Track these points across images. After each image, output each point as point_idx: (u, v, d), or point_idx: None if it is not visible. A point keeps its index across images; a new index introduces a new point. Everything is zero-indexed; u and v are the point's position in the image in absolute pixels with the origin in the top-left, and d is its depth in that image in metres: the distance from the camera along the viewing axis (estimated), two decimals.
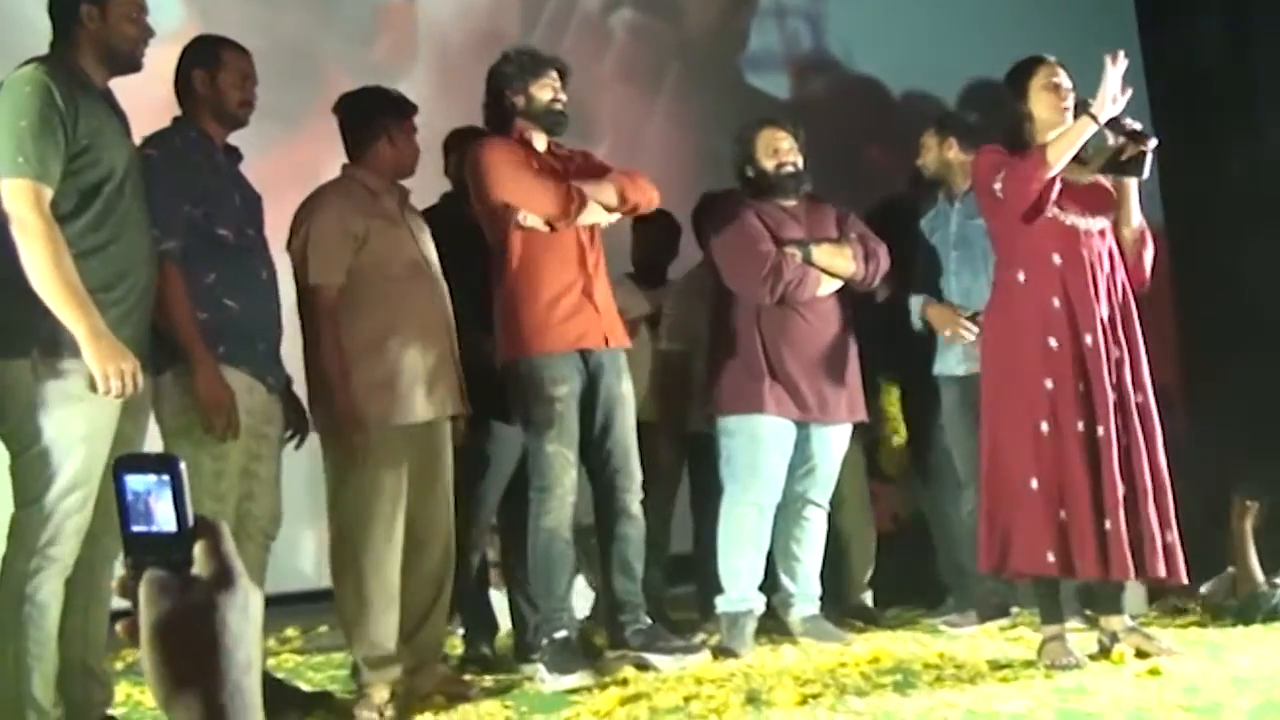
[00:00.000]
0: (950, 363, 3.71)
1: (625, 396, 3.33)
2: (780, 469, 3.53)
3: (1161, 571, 3.03)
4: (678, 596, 3.97)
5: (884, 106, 5.06)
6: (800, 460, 3.57)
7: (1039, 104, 3.17)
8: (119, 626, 0.85)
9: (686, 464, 3.88)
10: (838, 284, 3.58)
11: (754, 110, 4.74)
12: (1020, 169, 3.08)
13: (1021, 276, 3.15)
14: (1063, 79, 3.19)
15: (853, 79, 5.14)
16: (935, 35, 5.02)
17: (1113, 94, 3.02)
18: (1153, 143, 3.09)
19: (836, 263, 3.56)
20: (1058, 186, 3.09)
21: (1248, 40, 5.04)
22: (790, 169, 3.61)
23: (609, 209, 3.32)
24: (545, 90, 3.31)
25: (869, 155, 4.69)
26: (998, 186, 3.11)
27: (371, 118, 3.10)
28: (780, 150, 3.61)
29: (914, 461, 4.00)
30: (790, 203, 3.63)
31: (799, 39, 5.13)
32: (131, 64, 2.61)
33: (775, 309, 3.52)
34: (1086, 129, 3.06)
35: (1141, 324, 3.17)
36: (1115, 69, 3.02)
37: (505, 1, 4.65)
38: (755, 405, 3.50)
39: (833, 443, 3.61)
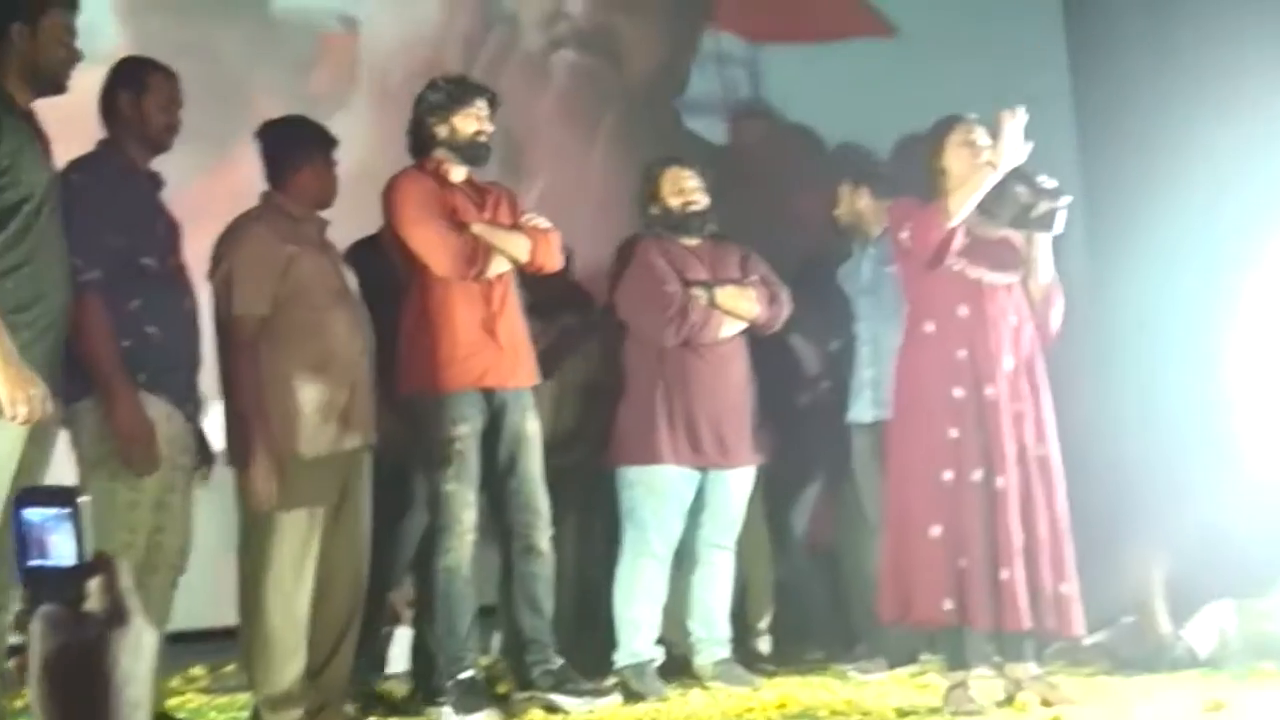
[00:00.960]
0: (861, 409, 3.77)
1: (531, 435, 3.33)
2: (680, 519, 3.54)
3: (1054, 624, 3.11)
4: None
5: (818, 156, 5.14)
6: (703, 505, 3.58)
7: (954, 160, 3.28)
8: (12, 663, 0.85)
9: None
10: (741, 326, 3.61)
11: (690, 155, 4.84)
12: (924, 217, 3.19)
13: (929, 327, 3.25)
14: (979, 137, 3.29)
15: (789, 128, 5.22)
16: (871, 86, 5.14)
17: (1012, 144, 3.13)
18: (1065, 199, 3.19)
19: (740, 305, 3.58)
20: (963, 239, 3.19)
21: (1182, 96, 5.19)
22: (695, 208, 3.63)
23: (515, 262, 3.31)
24: (470, 121, 3.32)
25: (803, 204, 4.70)
26: (904, 235, 3.23)
27: (298, 146, 3.13)
28: (685, 189, 3.64)
29: (828, 507, 4.08)
30: (694, 242, 3.66)
31: (737, 86, 5.20)
32: (57, 86, 2.63)
33: (677, 352, 3.53)
34: (987, 178, 3.17)
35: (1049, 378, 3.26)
36: (1014, 120, 3.14)
37: (447, 36, 4.70)
38: (654, 455, 3.50)
39: (734, 487, 3.62)
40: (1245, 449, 4.57)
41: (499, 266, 3.30)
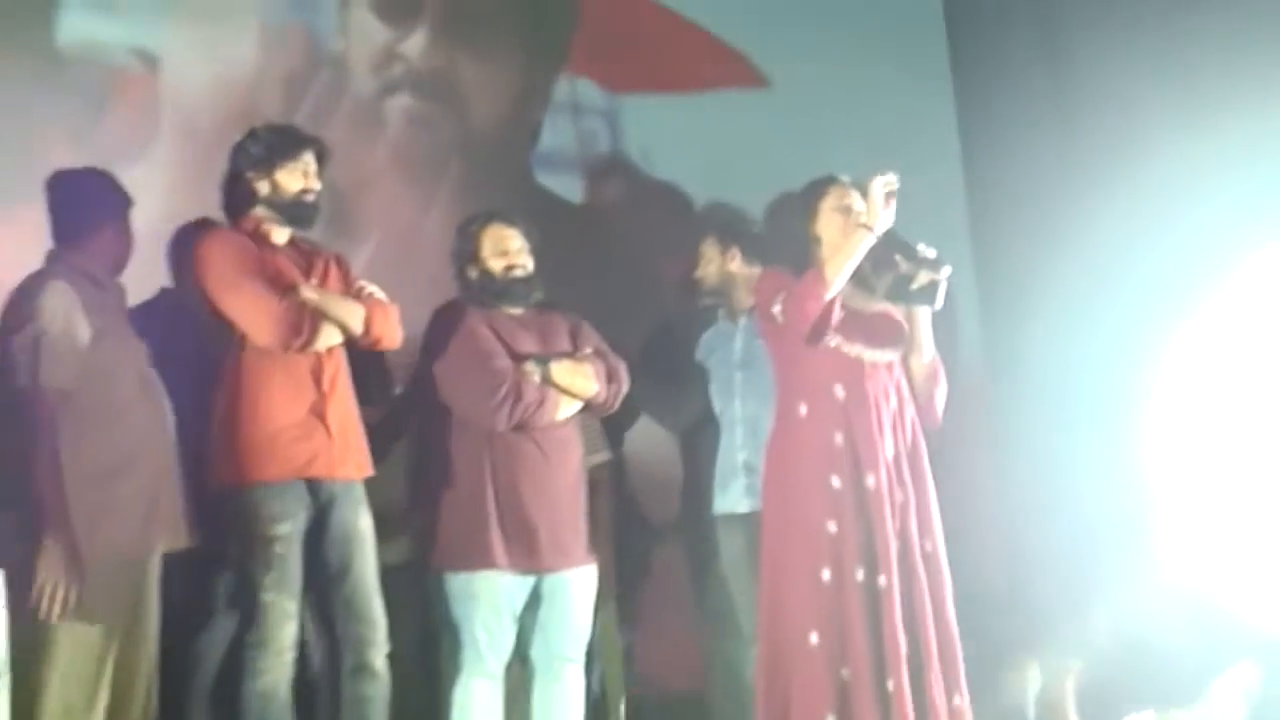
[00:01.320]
0: (732, 498, 3.84)
1: (364, 533, 3.31)
2: (513, 630, 3.52)
3: None
4: None
5: (684, 216, 5.29)
6: (542, 613, 3.56)
7: (828, 226, 3.44)
8: None
9: None
10: (577, 406, 3.62)
11: (543, 213, 4.84)
12: (799, 289, 3.32)
13: (803, 409, 3.38)
14: (854, 202, 3.45)
15: (652, 185, 5.36)
16: (742, 141, 5.31)
17: (881, 205, 3.31)
18: (946, 270, 3.38)
19: (577, 382, 3.59)
20: (839, 313, 3.34)
21: (1082, 154, 5.39)
22: (520, 272, 3.65)
23: (348, 334, 3.33)
24: (295, 178, 3.33)
25: (668, 268, 4.82)
26: (777, 310, 3.36)
27: (98, 201, 3.15)
28: (509, 250, 3.64)
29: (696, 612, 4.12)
30: (518, 311, 3.66)
31: (595, 139, 5.32)
32: None
33: (508, 437, 3.50)
34: (863, 242, 3.34)
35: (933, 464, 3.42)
36: (882, 179, 3.33)
37: (265, 78, 4.72)
38: (485, 559, 3.46)
39: (575, 590, 3.61)
40: (1163, 542, 4.77)
41: (330, 338, 3.33)
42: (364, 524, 3.34)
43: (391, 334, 3.44)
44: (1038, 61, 5.64)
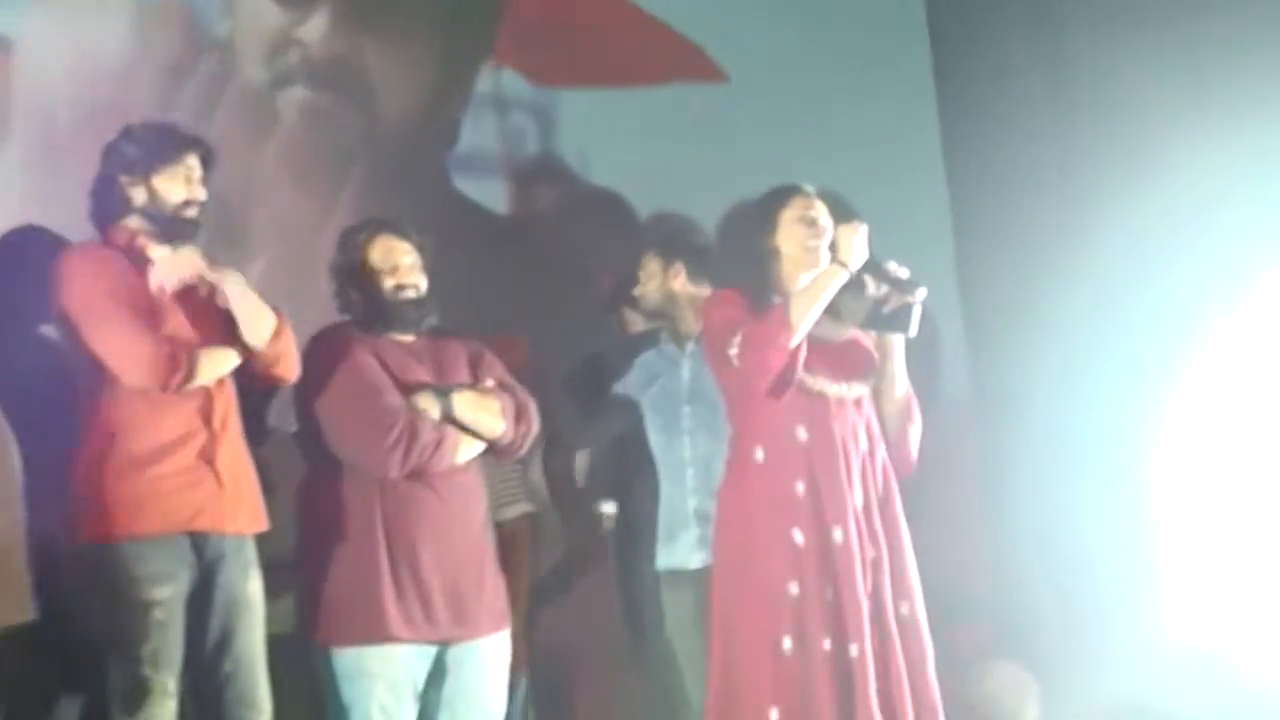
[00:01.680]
0: (681, 552, 3.87)
1: (252, 600, 3.30)
2: (414, 711, 3.49)
3: None
4: None
5: (626, 228, 5.29)
6: (447, 690, 3.53)
7: (788, 239, 3.50)
8: None
9: None
10: (480, 447, 3.60)
11: (463, 224, 4.91)
12: (760, 332, 3.35)
13: (759, 454, 3.42)
14: (819, 214, 3.51)
15: (589, 192, 5.37)
16: (696, 144, 5.34)
17: (859, 241, 3.39)
18: (921, 292, 3.42)
19: (482, 418, 3.56)
20: (804, 350, 3.38)
21: (1081, 172, 5.51)
22: (412, 293, 3.63)
23: (249, 352, 3.34)
24: (176, 185, 3.33)
25: (607, 288, 4.79)
26: (733, 353, 3.38)
27: None
28: (400, 266, 3.61)
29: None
30: (408, 338, 3.64)
31: (523, 139, 5.33)
32: None
33: (402, 486, 3.48)
34: (835, 278, 3.39)
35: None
36: (849, 227, 3.42)
37: (136, 65, 4.67)
38: (379, 630, 3.43)
39: (488, 662, 3.59)
40: (1169, 593, 4.91)
41: (212, 371, 3.32)
42: (253, 588, 3.34)
43: (291, 363, 3.44)
44: (1031, 62, 5.72)
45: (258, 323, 3.34)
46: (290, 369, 3.44)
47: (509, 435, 3.61)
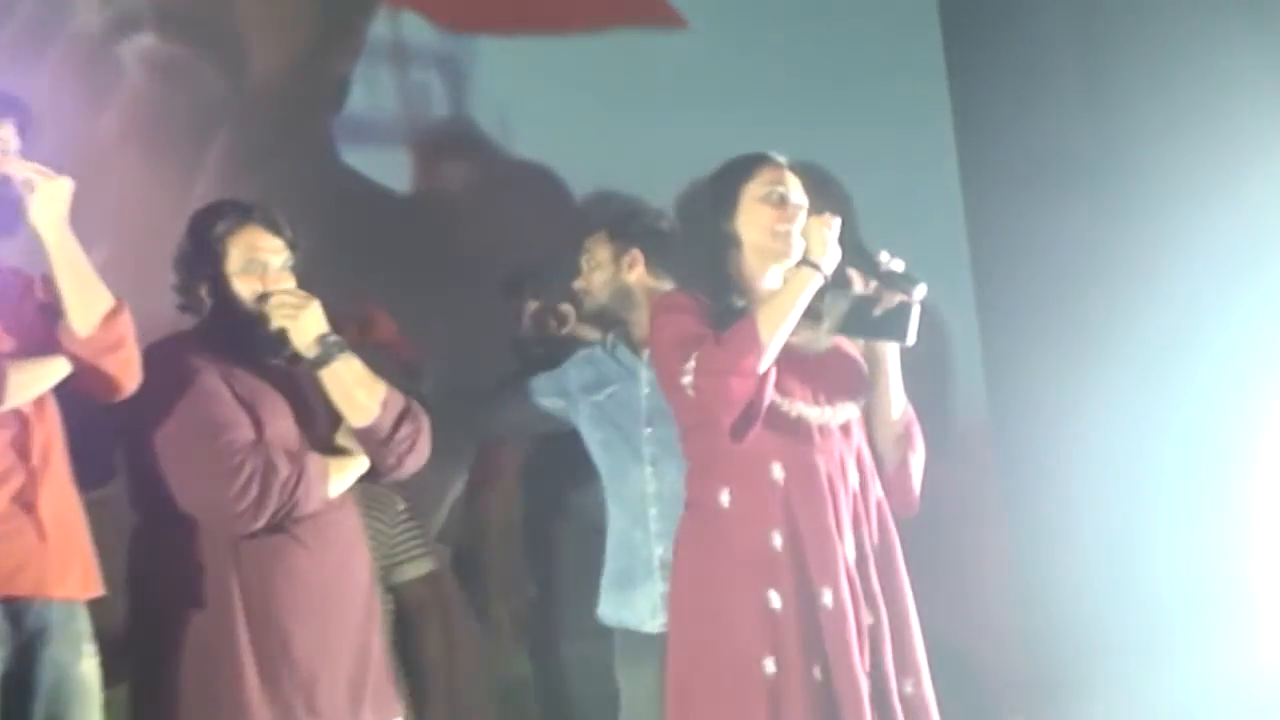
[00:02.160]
0: (637, 609, 3.88)
1: (85, 682, 3.30)
2: None
3: None
4: None
5: (558, 210, 5.25)
6: None
7: (751, 224, 3.49)
8: None
9: None
10: (355, 473, 3.63)
11: (353, 204, 4.88)
12: (719, 356, 3.31)
13: (724, 497, 3.39)
14: (792, 190, 3.50)
15: (511, 166, 5.33)
16: (647, 105, 5.32)
17: (831, 237, 3.37)
18: (920, 290, 3.41)
19: (357, 394, 3.58)
20: (773, 373, 3.35)
21: (1106, 146, 5.65)
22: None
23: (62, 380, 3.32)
24: None
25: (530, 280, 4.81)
26: (687, 381, 3.34)
27: None
28: (267, 269, 3.63)
29: None
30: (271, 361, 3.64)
31: (428, 98, 5.31)
32: None
33: (261, 541, 3.50)
34: (809, 283, 3.36)
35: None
36: (820, 220, 3.41)
37: None
38: None
39: None
40: (1236, 652, 5.02)
41: (28, 388, 3.30)
42: (86, 669, 3.33)
43: (130, 373, 3.41)
44: (1060, 32, 5.82)
45: (85, 290, 3.33)
46: (128, 372, 3.39)
47: (381, 428, 3.59)
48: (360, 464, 3.65)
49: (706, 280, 3.51)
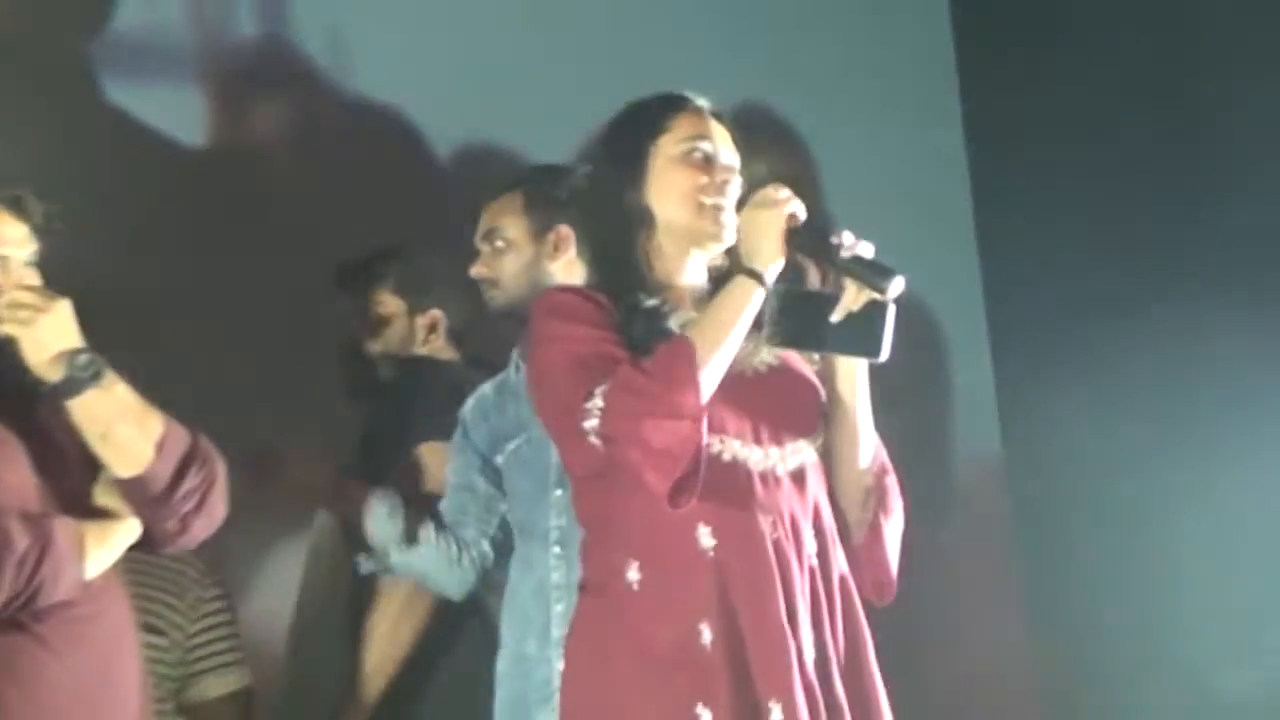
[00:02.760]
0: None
1: None
2: None
3: None
4: None
5: (419, 172, 5.29)
6: None
7: (666, 193, 3.44)
8: None
9: None
10: (119, 547, 3.60)
11: (123, 163, 4.87)
12: (642, 391, 3.19)
13: (633, 574, 3.31)
14: (721, 147, 3.49)
15: (348, 110, 5.34)
16: (534, 33, 5.37)
17: (769, 231, 3.30)
18: (896, 285, 3.31)
19: (121, 430, 3.52)
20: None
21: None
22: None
23: None
24: None
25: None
26: (590, 425, 3.21)
27: None
28: (6, 264, 3.62)
29: None
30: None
31: (231, 16, 5.31)
32: None
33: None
34: (751, 296, 3.27)
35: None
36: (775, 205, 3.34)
37: None
38: None
39: None
40: None
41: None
42: None
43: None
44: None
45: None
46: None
47: (156, 478, 3.54)
48: (129, 529, 3.61)
49: (608, 271, 3.43)
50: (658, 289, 3.41)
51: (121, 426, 3.55)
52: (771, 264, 3.30)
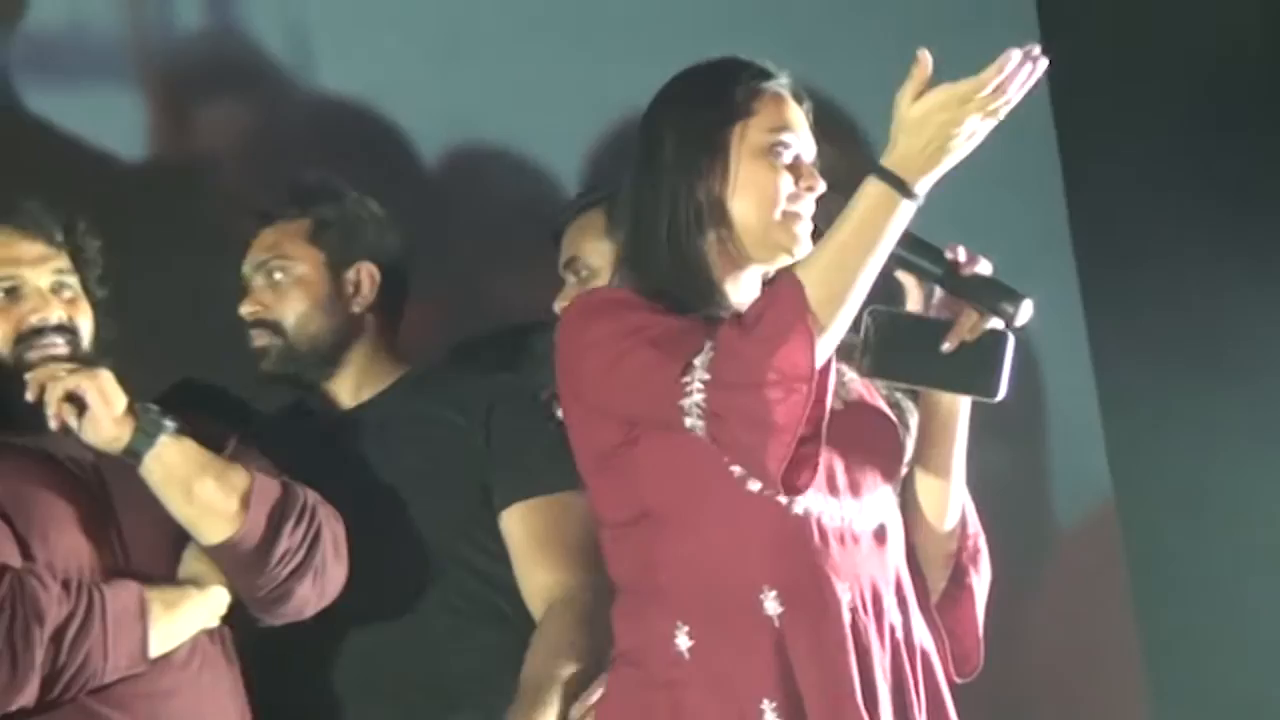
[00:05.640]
0: None
1: None
2: None
3: None
4: None
5: (407, 177, 5.33)
6: None
7: (747, 193, 3.45)
8: None
9: None
10: (199, 620, 3.74)
11: (42, 182, 4.79)
12: (755, 353, 3.14)
13: (683, 641, 3.33)
14: (805, 140, 3.51)
15: (316, 110, 5.39)
16: (529, 20, 5.43)
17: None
18: (1025, 311, 3.37)
19: (206, 488, 3.67)
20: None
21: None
22: (59, 342, 3.84)
23: None
24: None
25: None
26: (691, 401, 3.20)
27: None
28: (20, 293, 3.79)
29: None
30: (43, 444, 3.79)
31: (171, 6, 5.35)
32: None
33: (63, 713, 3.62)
34: (890, 211, 3.16)
35: None
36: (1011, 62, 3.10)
37: None
38: None
39: None
40: None
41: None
42: None
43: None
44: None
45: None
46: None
47: (248, 540, 3.68)
48: (210, 598, 3.76)
49: (662, 276, 3.43)
50: (719, 300, 3.40)
51: (204, 480, 3.71)
52: (924, 176, 3.17)
